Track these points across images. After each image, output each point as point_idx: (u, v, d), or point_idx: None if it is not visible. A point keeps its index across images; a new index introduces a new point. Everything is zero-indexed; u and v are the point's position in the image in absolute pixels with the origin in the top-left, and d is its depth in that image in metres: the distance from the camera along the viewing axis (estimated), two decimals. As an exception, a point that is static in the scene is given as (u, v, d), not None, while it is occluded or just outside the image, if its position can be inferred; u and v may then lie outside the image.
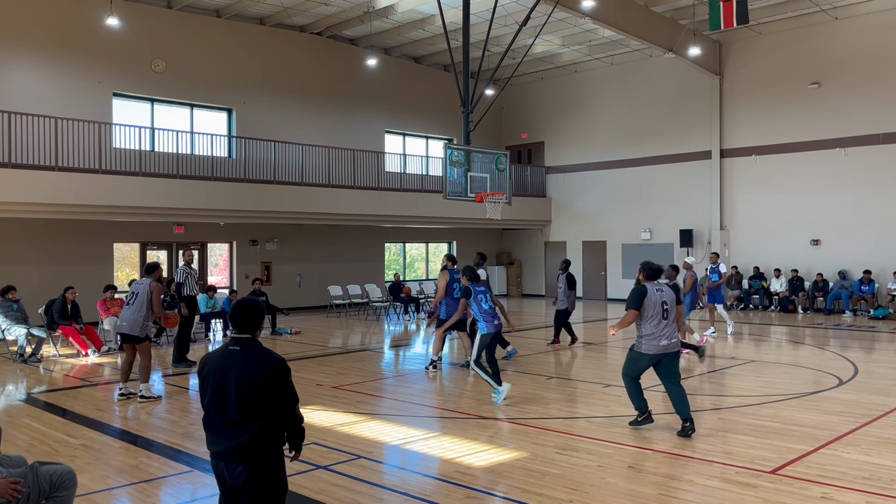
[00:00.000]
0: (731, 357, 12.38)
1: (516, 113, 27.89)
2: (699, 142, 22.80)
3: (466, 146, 15.61)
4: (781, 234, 21.09)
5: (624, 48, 23.19)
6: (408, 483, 5.95)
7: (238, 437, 3.63)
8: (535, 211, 26.14)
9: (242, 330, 3.78)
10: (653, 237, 23.86)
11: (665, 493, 5.51)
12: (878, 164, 19.40)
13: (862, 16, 19.58)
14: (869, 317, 18.46)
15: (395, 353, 13.83)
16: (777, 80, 21.19)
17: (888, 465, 6.15)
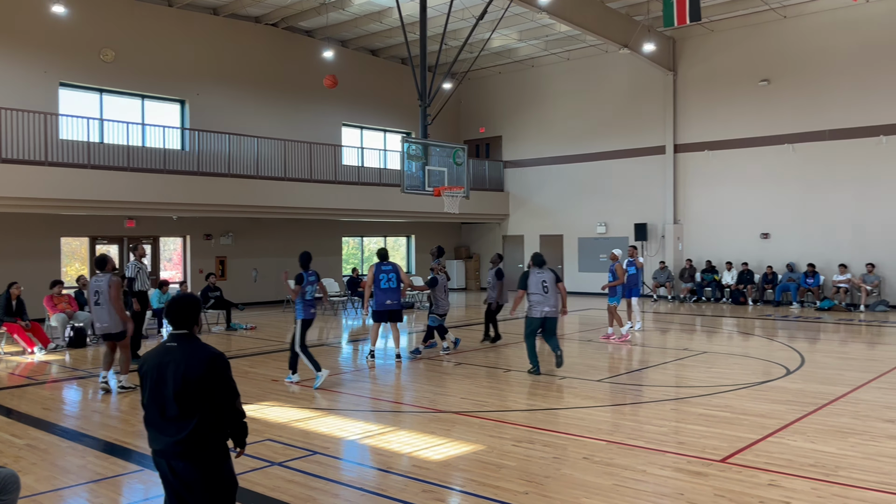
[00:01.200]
0: (684, 348, 12.61)
1: (474, 107, 27.94)
2: (654, 137, 23.15)
3: (424, 140, 15.58)
4: (733, 227, 21.55)
5: (580, 43, 23.38)
6: (364, 478, 5.92)
7: (177, 434, 3.57)
8: (493, 205, 26.24)
9: (179, 325, 3.74)
10: (608, 231, 24.17)
11: (619, 484, 5.59)
12: (825, 160, 19.95)
13: (810, 15, 20.08)
14: (815, 308, 19.00)
15: (353, 347, 13.74)
16: (728, 76, 21.61)
17: (832, 451, 6.34)
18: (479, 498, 5.37)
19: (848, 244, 19.59)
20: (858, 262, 19.21)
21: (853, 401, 8.32)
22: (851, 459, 6.10)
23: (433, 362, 11.48)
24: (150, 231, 19.76)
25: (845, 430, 7.01)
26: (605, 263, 24.08)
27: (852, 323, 16.33)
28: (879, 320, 16.67)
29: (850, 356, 11.83)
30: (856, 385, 9.17)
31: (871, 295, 18.76)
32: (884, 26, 18.99)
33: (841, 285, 19.01)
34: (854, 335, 14.50)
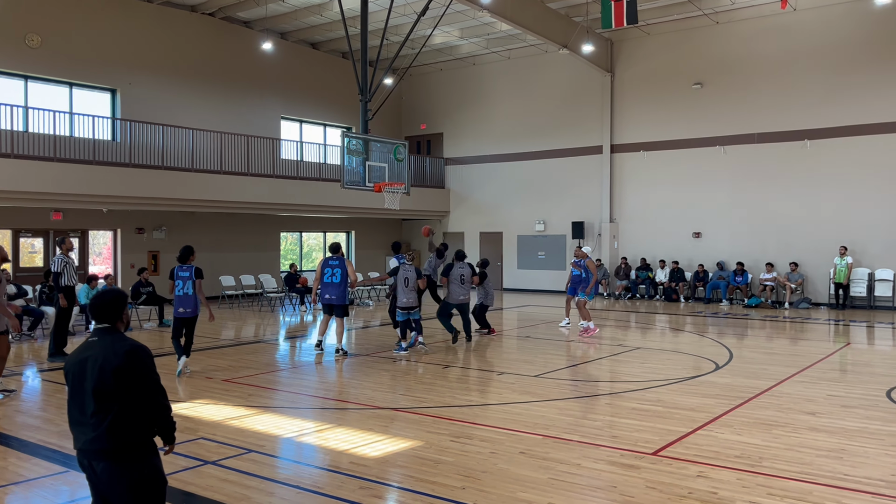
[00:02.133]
0: (619, 344, 12.90)
1: (416, 103, 27.91)
2: (591, 137, 23.57)
3: (365, 135, 15.49)
4: (666, 226, 22.13)
5: (521, 43, 23.61)
6: (300, 476, 5.86)
7: (97, 431, 3.45)
8: (434, 202, 26.27)
9: (102, 320, 3.67)
10: (547, 229, 24.50)
11: (554, 477, 5.68)
12: (753, 162, 20.68)
13: (740, 21, 20.77)
14: (743, 305, 19.68)
15: (290, 344, 13.57)
16: (664, 79, 22.18)
17: (757, 443, 6.58)
18: (417, 494, 5.37)
19: (774, 244, 20.37)
20: (783, 261, 19.99)
21: (777, 394, 8.65)
22: (775, 450, 6.34)
23: (373, 359, 11.43)
24: (79, 224, 19.07)
25: (769, 423, 7.29)
26: (543, 261, 24.44)
27: (777, 319, 16.99)
28: (802, 317, 17.39)
29: (774, 351, 12.30)
30: (780, 379, 9.54)
31: (795, 293, 19.56)
32: (810, 34, 19.78)
33: (767, 283, 19.75)
34: (779, 331, 15.10)
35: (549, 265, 24.35)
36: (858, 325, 15.92)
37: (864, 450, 6.35)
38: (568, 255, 23.81)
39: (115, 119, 19.15)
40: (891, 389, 8.84)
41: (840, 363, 11.05)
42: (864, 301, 19.02)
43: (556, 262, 24.17)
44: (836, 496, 5.23)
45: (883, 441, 6.62)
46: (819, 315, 17.77)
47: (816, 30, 19.72)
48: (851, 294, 19.03)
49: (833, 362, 11.03)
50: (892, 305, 18.68)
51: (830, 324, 16.24)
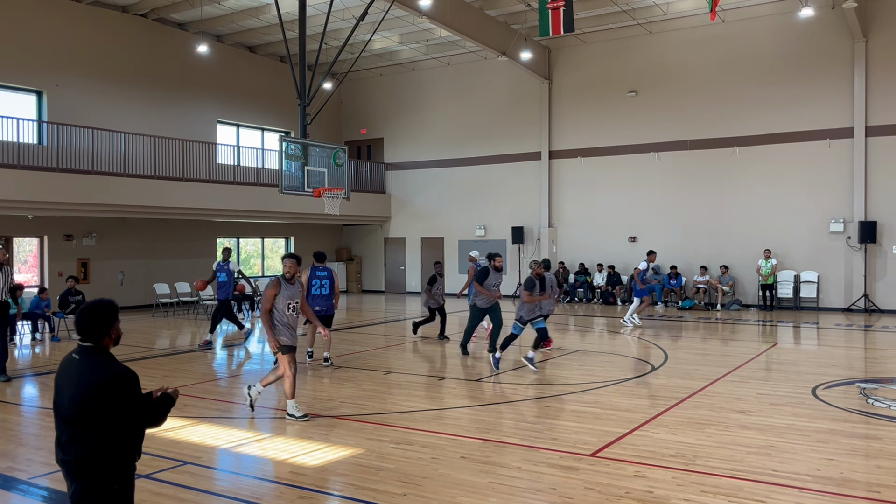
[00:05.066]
0: (558, 347, 13.07)
1: (355, 108, 27.76)
2: (530, 143, 23.87)
3: (303, 139, 15.32)
4: (603, 231, 22.57)
5: (460, 49, 23.76)
6: (239, 487, 5.73)
7: (68, 453, 3.29)
8: (375, 207, 26.16)
9: (85, 337, 3.36)
10: (487, 233, 24.69)
11: (495, 481, 5.71)
12: (686, 168, 21.30)
13: (673, 31, 21.37)
14: (678, 307, 20.22)
15: (227, 353, 13.28)
16: (600, 86, 22.64)
17: (691, 442, 6.76)
18: (357, 501, 5.33)
19: (706, 247, 20.99)
20: (715, 264, 20.63)
21: (710, 394, 8.91)
22: (708, 449, 6.53)
23: (313, 367, 11.29)
24: (3, 231, 18.27)
25: (702, 422, 7.50)
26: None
27: (710, 321, 17.51)
28: (734, 318, 17.97)
29: (707, 352, 12.67)
30: (712, 379, 9.83)
31: (727, 295, 20.19)
32: (738, 45, 20.50)
33: (700, 286, 20.35)
34: (712, 332, 15.56)
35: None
36: (785, 326, 16.54)
37: (791, 446, 6.59)
38: (509, 260, 24.03)
39: (41, 122, 18.43)
40: (816, 387, 9.21)
41: (768, 363, 11.45)
42: (791, 302, 19.78)
43: (497, 266, 24.33)
44: (765, 491, 5.41)
45: (809, 437, 6.89)
46: (749, 316, 18.39)
47: (744, 41, 20.45)
48: (778, 295, 19.77)
49: (762, 362, 11.42)
50: (817, 306, 19.48)
51: (759, 324, 16.82)
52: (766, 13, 19.99)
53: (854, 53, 18.93)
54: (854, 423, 7.47)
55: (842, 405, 8.20)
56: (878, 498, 5.26)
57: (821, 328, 16.10)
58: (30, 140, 17.92)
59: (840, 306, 19.21)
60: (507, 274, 24.24)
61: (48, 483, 5.83)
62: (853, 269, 19.05)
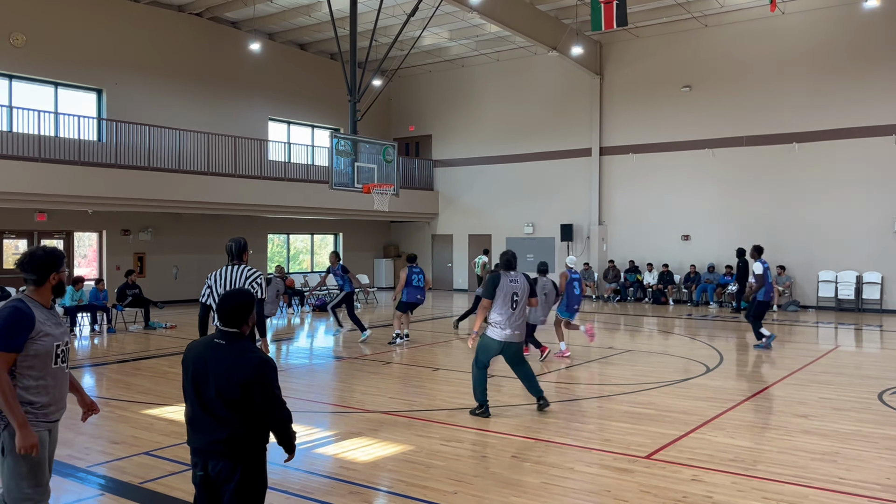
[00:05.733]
0: (609, 347, 12.84)
1: (404, 105, 27.82)
2: (580, 139, 23.56)
3: (353, 136, 15.39)
4: (655, 229, 22.13)
5: (510, 45, 23.57)
6: (289, 481, 5.74)
7: (215, 434, 3.49)
8: (423, 203, 26.18)
9: (229, 324, 3.58)
10: (535, 231, 24.47)
11: (546, 482, 5.60)
12: (742, 165, 20.73)
13: (728, 25, 20.82)
14: (732, 309, 19.70)
15: (276, 347, 13.42)
16: (652, 81, 22.20)
17: (750, 446, 6.53)
18: (407, 498, 5.28)
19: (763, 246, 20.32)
20: (772, 264, 19.99)
21: (768, 397, 8.62)
22: (768, 454, 6.29)
23: (361, 362, 11.32)
24: (64, 226, 18.84)
25: (762, 426, 7.25)
26: (532, 263, 24.35)
27: (767, 322, 16.98)
28: (791, 319, 17.42)
29: (765, 354, 12.28)
30: (771, 382, 9.51)
31: (784, 295, 19.60)
32: (798, 37, 19.86)
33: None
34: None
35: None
36: (846, 328, 15.96)
37: (858, 453, 6.31)
38: (558, 259, 23.77)
39: (100, 119, 18.94)
40: (882, 392, 8.83)
41: (830, 366, 11.04)
42: (852, 304, 19.09)
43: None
44: (831, 500, 5.18)
45: (877, 444, 6.59)
46: (807, 317, 17.81)
47: (804, 33, 19.80)
48: (839, 297, 19.11)
49: (823, 365, 11.02)
50: (880, 308, 18.76)
51: (819, 326, 16.27)
52: (828, 4, 19.32)
53: (922, 45, 18.16)
54: (925, 430, 7.12)
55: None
56: (955, 510, 4.99)
57: (885, 331, 15.49)
58: (90, 137, 18.44)
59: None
60: (556, 272, 24.03)
61: (105, 471, 5.93)
62: (919, 270, 18.28)
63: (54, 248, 3.89)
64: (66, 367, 3.83)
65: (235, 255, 6.27)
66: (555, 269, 24.06)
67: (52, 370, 3.70)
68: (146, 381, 9.81)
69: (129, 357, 11.76)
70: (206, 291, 6.27)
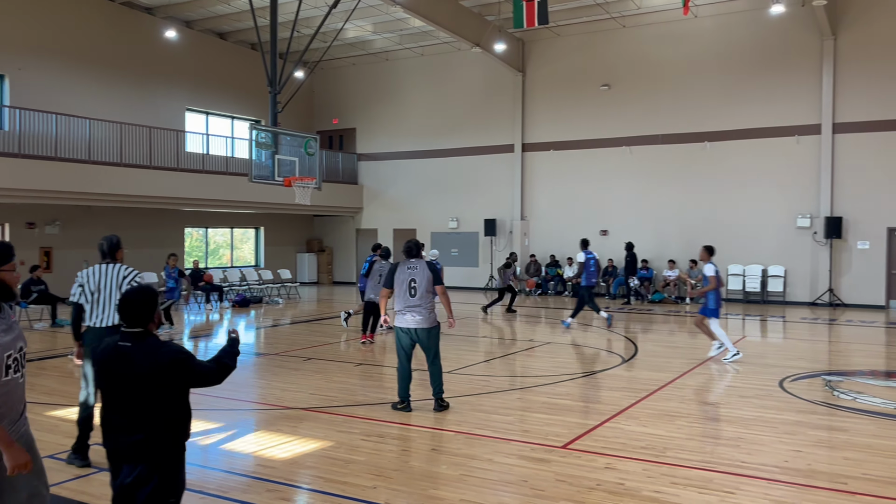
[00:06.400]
0: (530, 339, 13.07)
1: (327, 98, 27.49)
2: (503, 135, 23.84)
3: (274, 128, 15.11)
4: (575, 224, 22.60)
5: (434, 40, 23.61)
6: (206, 481, 5.61)
7: (132, 437, 3.36)
8: (347, 198, 25.96)
9: (133, 324, 3.44)
10: (460, 226, 24.64)
11: (465, 474, 5.67)
12: (658, 163, 21.43)
13: (645, 26, 21.46)
14: (647, 301, 20.37)
15: (193, 343, 13.07)
16: (573, 79, 22.66)
17: (661, 434, 6.78)
18: (326, 494, 5.25)
19: (676, 241, 21.17)
20: (684, 258, 20.81)
21: (679, 386, 8.96)
22: (677, 440, 6.55)
23: (282, 358, 11.16)
24: (-38, 218, 17.79)
25: (672, 414, 7.53)
26: (456, 258, 24.53)
27: (679, 314, 17.66)
28: (702, 311, 18.13)
29: (676, 345, 12.78)
30: (681, 372, 9.89)
31: (695, 288, 20.35)
32: (708, 40, 20.66)
33: (670, 280, 20.52)
34: (680, 325, 15.70)
35: (462, 262, 24.49)
36: (752, 319, 16.75)
37: (759, 438, 6.65)
38: (482, 253, 24.06)
39: (2, 106, 17.95)
40: (783, 379, 9.32)
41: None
42: (759, 296, 20.04)
43: (469, 258, 24.35)
44: (734, 483, 5.44)
45: (776, 429, 6.96)
46: (717, 309, 18.57)
47: (715, 36, 20.60)
48: (746, 289, 20.03)
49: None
50: (783, 300, 19.76)
51: (728, 318, 17.01)
52: (737, 9, 20.15)
53: (823, 51, 19.18)
54: (820, 415, 7.56)
55: (808, 397, 8.30)
56: (845, 489, 5.32)
57: (787, 321, 16.34)
58: (-9, 125, 17.45)
59: (806, 300, 19.52)
60: (479, 267, 24.29)
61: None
62: (819, 264, 19.36)
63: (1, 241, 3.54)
64: (21, 378, 3.42)
65: (108, 253, 5.97)
66: (478, 264, 24.34)
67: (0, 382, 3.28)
68: (52, 381, 9.39)
69: (35, 356, 11.22)
70: (77, 291, 5.90)
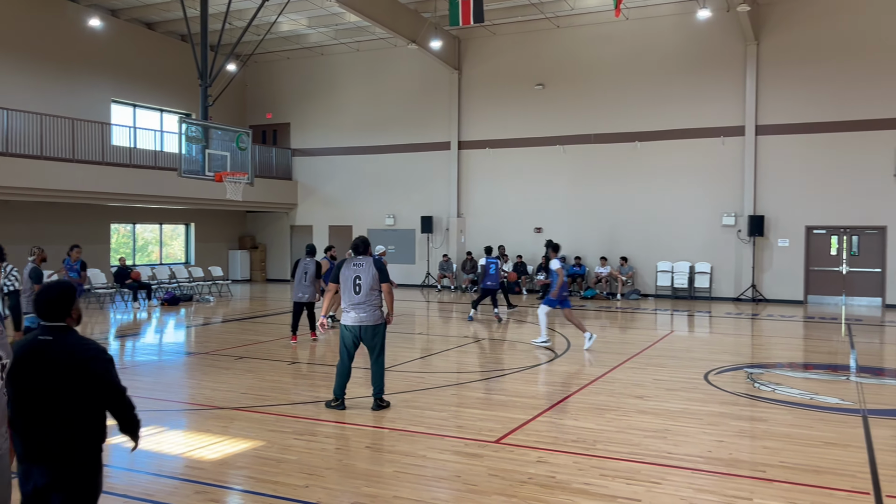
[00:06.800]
0: (465, 336, 13.15)
1: (261, 92, 27.00)
2: (440, 132, 23.89)
3: (204, 122, 14.76)
4: (510, 221, 22.87)
5: (370, 35, 23.46)
6: (131, 484, 5.44)
7: (46, 439, 3.22)
8: (281, 193, 25.56)
9: (51, 318, 3.33)
10: (396, 223, 24.58)
11: (399, 471, 5.66)
12: (590, 162, 21.84)
13: (579, 27, 21.83)
14: (580, 297, 20.76)
15: (120, 343, 12.66)
16: (509, 78, 22.88)
17: (592, 427, 6.93)
18: (257, 495, 5.16)
19: (608, 238, 21.64)
20: (616, 255, 21.30)
21: (610, 380, 9.17)
22: (607, 433, 6.70)
23: (213, 357, 10.92)
24: None
25: (603, 408, 7.70)
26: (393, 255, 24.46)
27: (611, 310, 18.06)
28: (633, 307, 18.61)
29: (608, 340, 13.04)
30: (612, 366, 10.12)
31: (626, 285, 20.89)
32: (639, 42, 21.16)
33: (602, 276, 20.97)
34: (612, 321, 16.06)
35: (399, 259, 24.42)
36: (680, 314, 17.27)
37: (685, 429, 6.86)
38: (418, 250, 24.09)
39: (-89, 94, 16.98)
40: (708, 372, 9.64)
41: (665, 350, 11.90)
42: (686, 292, 20.67)
43: (406, 256, 24.31)
44: (661, 473, 5.60)
45: (701, 420, 7.19)
46: (647, 305, 19.09)
47: (646, 39, 21.12)
48: (674, 285, 20.64)
49: (659, 349, 11.86)
50: (710, 295, 20.44)
51: (657, 313, 17.49)
52: (666, 13, 20.69)
53: (746, 55, 19.89)
54: (742, 406, 7.85)
55: (731, 389, 8.61)
56: (764, 476, 5.54)
57: (713, 317, 16.90)
58: None
59: (731, 296, 20.23)
60: (416, 264, 24.29)
61: None
62: (743, 261, 20.09)
63: None
64: (2, 393, 3.13)
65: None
66: (415, 261, 24.34)
67: None
68: None
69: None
70: None
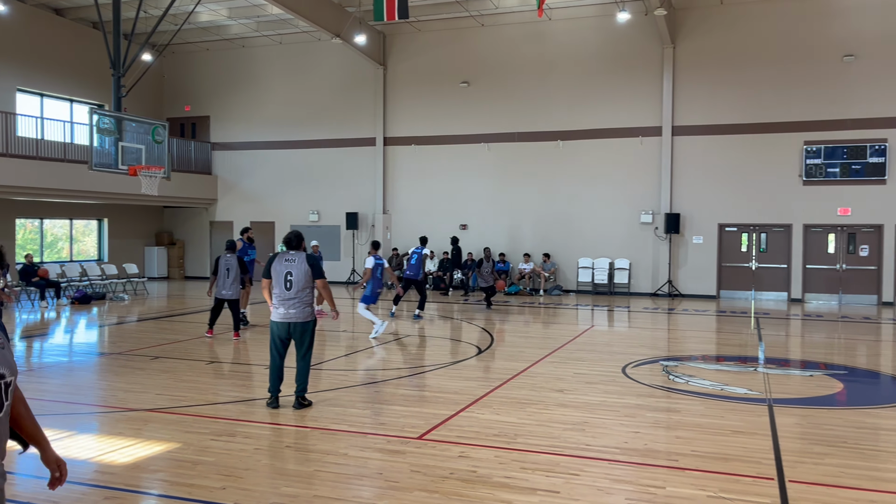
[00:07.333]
0: (389, 333, 13.11)
1: (179, 83, 26.17)
2: (365, 128, 23.72)
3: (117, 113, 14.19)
4: (436, 218, 22.92)
5: (293, 28, 23.07)
6: (37, 492, 5.17)
7: None
8: (200, 188, 24.85)
9: None
10: (321, 219, 24.27)
11: (319, 469, 5.59)
12: (514, 160, 22.13)
13: (503, 26, 22.06)
14: (504, 293, 21.00)
15: (26, 344, 12.05)
16: (434, 75, 22.92)
17: (513, 421, 7.01)
18: (172, 499, 5.00)
19: (531, 235, 21.98)
20: (539, 252, 21.65)
21: (532, 375, 9.31)
22: (528, 427, 6.80)
23: (126, 357, 10.52)
24: None
25: (524, 402, 7.81)
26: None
27: (534, 305, 18.35)
28: (555, 303, 18.97)
29: (530, 335, 13.27)
30: (534, 360, 10.28)
31: (549, 281, 21.28)
32: (562, 43, 21.55)
33: (525, 272, 21.28)
34: (535, 316, 16.32)
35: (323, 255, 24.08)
36: (600, 309, 17.70)
37: (603, 421, 7.03)
38: (343, 246, 23.87)
39: None
40: (626, 365, 9.91)
41: (585, 344, 12.18)
42: (606, 287, 21.21)
43: (331, 252, 24.02)
44: (579, 465, 5.72)
45: (618, 412, 7.39)
46: (569, 301, 19.49)
47: (568, 39, 21.52)
48: (595, 281, 21.14)
49: (579, 343, 12.13)
50: (628, 291, 21.03)
51: (578, 308, 17.87)
52: (587, 14, 21.13)
53: (664, 58, 20.53)
54: (657, 397, 8.11)
55: (647, 382, 8.88)
56: (677, 465, 5.73)
57: (631, 311, 17.40)
58: None
59: (648, 291, 20.87)
60: (341, 261, 24.06)
61: None
62: (660, 258, 20.76)
63: None
64: (2, 411, 2.73)
65: None
66: (340, 258, 24.09)
67: None
68: None
69: None
70: None
